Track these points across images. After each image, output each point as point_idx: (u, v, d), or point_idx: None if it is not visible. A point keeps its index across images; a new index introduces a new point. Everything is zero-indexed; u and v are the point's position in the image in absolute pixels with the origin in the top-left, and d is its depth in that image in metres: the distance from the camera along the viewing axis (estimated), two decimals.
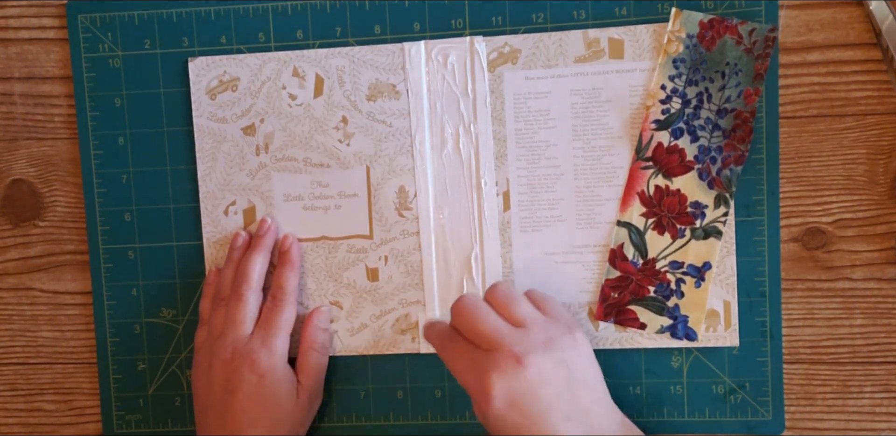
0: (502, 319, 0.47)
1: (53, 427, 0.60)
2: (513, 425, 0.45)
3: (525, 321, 0.47)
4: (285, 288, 0.55)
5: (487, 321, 0.47)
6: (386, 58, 0.55)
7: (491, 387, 0.45)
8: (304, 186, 0.56)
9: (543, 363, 0.45)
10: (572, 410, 0.45)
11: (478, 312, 0.47)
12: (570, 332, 0.47)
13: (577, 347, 0.47)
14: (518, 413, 0.45)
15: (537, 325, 0.47)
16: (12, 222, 0.59)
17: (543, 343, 0.46)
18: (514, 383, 0.44)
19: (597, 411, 0.47)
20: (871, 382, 0.54)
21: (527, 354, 0.45)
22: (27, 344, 0.59)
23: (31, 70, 0.58)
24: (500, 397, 0.44)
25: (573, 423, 0.45)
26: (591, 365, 0.48)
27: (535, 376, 0.45)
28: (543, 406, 0.45)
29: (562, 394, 0.45)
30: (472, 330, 0.47)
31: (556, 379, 0.45)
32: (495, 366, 0.45)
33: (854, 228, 0.53)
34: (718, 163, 0.53)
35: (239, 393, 0.52)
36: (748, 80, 0.52)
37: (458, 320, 0.48)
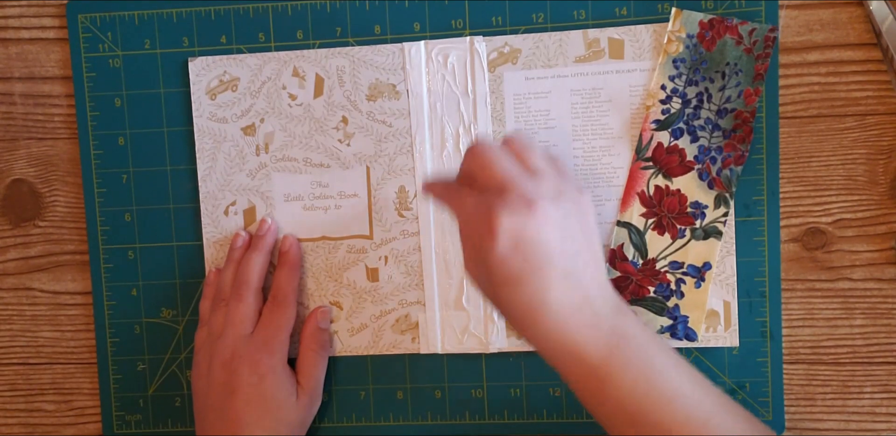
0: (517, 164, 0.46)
1: (53, 427, 0.60)
2: (514, 271, 0.43)
3: (539, 171, 0.45)
4: (285, 289, 0.55)
5: (502, 163, 0.45)
6: (386, 58, 0.55)
7: (498, 224, 0.42)
8: (304, 186, 0.56)
9: (553, 212, 0.43)
10: (571, 268, 0.44)
11: (493, 154, 0.45)
12: (580, 193, 0.46)
13: (584, 208, 0.46)
14: (521, 257, 0.43)
15: (550, 176, 0.45)
16: (12, 222, 0.59)
17: (555, 194, 0.44)
18: (522, 225, 0.42)
19: (593, 277, 0.45)
20: (871, 382, 0.54)
21: (539, 199, 0.43)
22: (27, 344, 0.59)
23: (31, 70, 0.58)
24: (507, 237, 0.42)
25: (571, 282, 0.44)
26: (594, 232, 0.46)
27: (544, 222, 0.43)
28: (546, 254, 0.43)
29: (564, 249, 0.43)
30: (485, 172, 0.45)
31: (562, 231, 0.43)
32: (505, 205, 0.43)
33: (854, 228, 0.53)
34: (718, 163, 0.53)
35: (239, 393, 0.52)
36: (748, 81, 0.52)
37: (471, 162, 0.46)
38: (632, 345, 0.44)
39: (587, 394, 0.45)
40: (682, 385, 0.44)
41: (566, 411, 0.55)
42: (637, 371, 0.44)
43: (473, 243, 0.44)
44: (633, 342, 0.44)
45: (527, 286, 0.43)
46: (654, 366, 0.44)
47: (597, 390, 0.44)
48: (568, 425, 0.55)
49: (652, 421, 0.43)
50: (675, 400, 0.43)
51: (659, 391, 0.43)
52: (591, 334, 0.44)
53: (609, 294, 0.46)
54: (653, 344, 0.45)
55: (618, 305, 0.45)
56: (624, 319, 0.45)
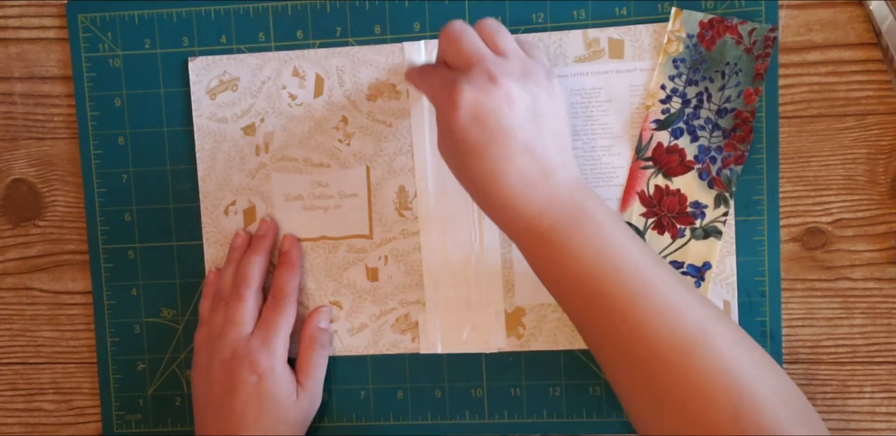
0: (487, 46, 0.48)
1: (53, 427, 0.60)
2: (474, 141, 0.45)
3: (507, 53, 0.47)
4: (285, 288, 0.55)
5: (472, 42, 0.47)
6: (386, 58, 0.55)
7: (459, 95, 0.45)
8: (304, 185, 0.56)
9: (515, 89, 0.45)
10: (532, 142, 0.45)
11: (464, 34, 0.47)
12: (548, 77, 0.47)
13: (552, 90, 0.47)
14: (480, 128, 0.45)
15: (518, 58, 0.47)
16: (12, 222, 0.59)
17: (520, 73, 0.46)
18: (483, 97, 0.44)
19: (555, 154, 0.46)
20: (871, 382, 0.54)
21: (501, 75, 0.45)
22: (27, 344, 0.59)
23: (31, 70, 0.58)
24: (467, 108, 0.44)
25: (532, 156, 0.45)
26: (560, 112, 0.47)
27: (504, 97, 0.45)
28: (505, 128, 0.45)
29: (526, 124, 0.45)
30: (454, 49, 0.47)
31: (523, 107, 0.45)
32: (468, 79, 0.45)
33: (854, 227, 0.53)
34: (718, 163, 0.53)
35: (238, 393, 0.52)
36: (748, 80, 0.52)
37: (443, 41, 0.48)
38: (586, 218, 0.45)
39: (539, 263, 0.47)
40: (634, 258, 0.45)
41: (566, 411, 0.55)
42: (588, 241, 0.45)
43: (442, 118, 0.46)
44: (589, 216, 0.45)
45: (486, 156, 0.45)
46: (606, 238, 0.45)
47: (547, 258, 0.46)
48: (568, 425, 0.55)
49: (597, 289, 0.44)
50: (622, 270, 0.44)
51: (607, 262, 0.44)
52: (547, 205, 0.45)
53: (572, 174, 0.47)
54: (611, 221, 0.46)
55: (580, 185, 0.46)
56: (584, 196, 0.46)
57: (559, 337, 0.55)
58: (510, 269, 0.55)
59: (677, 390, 0.42)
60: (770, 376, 0.43)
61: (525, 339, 0.55)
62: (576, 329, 0.48)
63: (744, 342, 0.44)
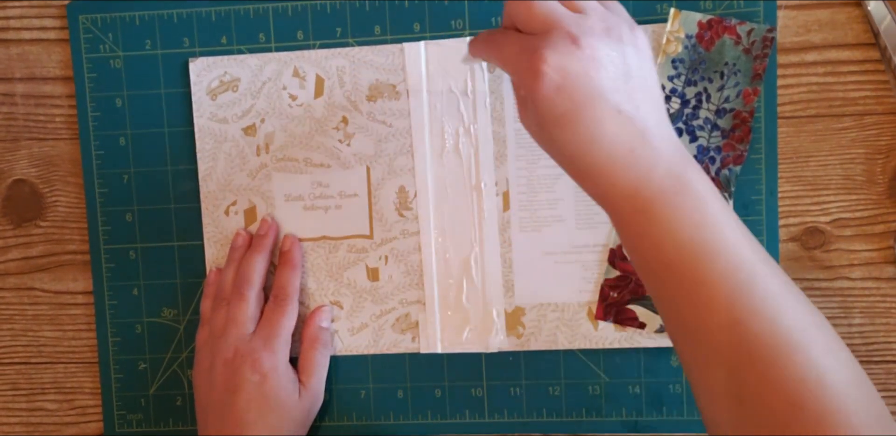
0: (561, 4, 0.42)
1: (55, 427, 0.60)
2: (562, 109, 0.40)
3: (585, 8, 0.42)
4: (287, 288, 0.55)
5: (544, 3, 0.41)
6: (386, 58, 0.55)
7: (541, 62, 0.40)
8: (304, 186, 0.56)
9: (600, 48, 0.40)
10: (625, 104, 0.40)
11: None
12: (632, 30, 0.42)
13: (638, 44, 0.42)
14: (567, 95, 0.40)
15: (597, 13, 0.42)
16: (14, 223, 0.59)
17: (603, 30, 0.41)
18: (567, 62, 0.40)
19: (651, 116, 0.41)
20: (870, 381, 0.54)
21: (583, 35, 0.40)
22: (29, 344, 0.60)
23: (32, 71, 0.58)
24: (552, 76, 0.40)
25: (625, 117, 0.40)
26: (649, 69, 0.42)
27: (590, 59, 0.40)
28: (595, 92, 0.40)
29: (617, 85, 0.40)
30: (527, 12, 0.42)
31: (611, 67, 0.40)
32: (549, 44, 0.40)
33: (852, 227, 0.53)
34: (717, 163, 0.53)
35: (240, 393, 0.52)
36: (747, 81, 0.52)
37: (511, 8, 0.43)
38: (689, 191, 0.41)
39: (633, 237, 0.42)
40: (733, 240, 0.41)
41: (566, 411, 0.56)
42: (689, 216, 0.41)
43: (522, 89, 0.42)
44: (691, 188, 0.41)
45: (578, 124, 0.40)
46: (708, 215, 0.41)
47: (644, 232, 0.42)
48: (568, 425, 0.56)
49: (693, 271, 0.41)
50: (723, 254, 0.40)
51: (707, 241, 0.40)
52: (647, 173, 0.41)
53: (669, 135, 0.42)
54: (711, 195, 0.41)
55: (679, 150, 0.42)
56: (685, 164, 0.42)
57: (559, 337, 0.55)
58: (510, 269, 0.55)
59: (768, 397, 0.39)
60: (863, 393, 0.40)
61: (525, 339, 0.55)
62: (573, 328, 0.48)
63: (841, 353, 0.41)
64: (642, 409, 0.55)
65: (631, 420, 0.55)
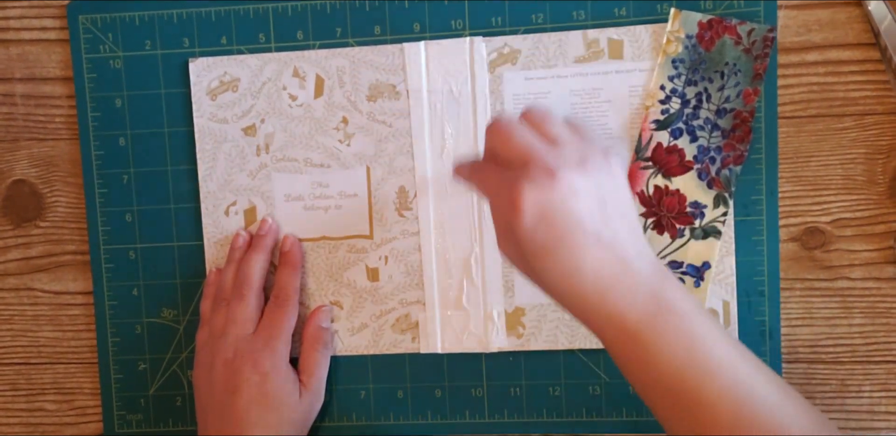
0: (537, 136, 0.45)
1: (55, 427, 0.60)
2: (541, 243, 0.42)
3: (559, 140, 0.44)
4: (287, 288, 0.55)
5: (522, 136, 0.44)
6: (386, 58, 0.55)
7: (521, 197, 0.42)
8: (304, 186, 0.56)
9: (576, 179, 0.42)
10: (604, 232, 0.42)
11: (511, 128, 0.44)
12: (606, 157, 0.44)
13: (611, 172, 0.44)
14: (547, 227, 0.42)
15: (572, 144, 0.44)
16: (14, 223, 0.59)
17: (577, 162, 0.43)
18: (546, 195, 0.42)
19: (630, 240, 0.43)
20: (870, 381, 0.54)
21: (560, 168, 0.42)
22: (28, 344, 0.60)
23: (32, 71, 0.58)
24: (531, 209, 0.42)
25: (604, 245, 0.42)
26: (624, 193, 0.44)
27: (567, 190, 0.42)
28: (574, 222, 0.42)
29: (594, 214, 0.42)
30: (505, 146, 0.44)
31: (588, 197, 0.42)
32: (527, 177, 0.42)
33: (853, 227, 0.53)
34: (718, 163, 0.53)
35: (241, 393, 0.52)
36: (747, 81, 0.52)
37: (491, 138, 0.45)
38: (674, 311, 0.42)
39: (627, 362, 0.43)
40: (726, 357, 0.42)
41: (566, 411, 0.56)
42: (679, 338, 0.42)
43: (502, 220, 0.44)
44: (676, 308, 0.42)
45: (558, 255, 0.42)
46: (696, 335, 0.42)
47: (637, 357, 0.43)
48: (568, 425, 0.56)
49: (692, 393, 0.41)
50: (718, 373, 0.41)
51: (701, 362, 0.42)
52: (631, 298, 0.42)
53: (649, 258, 0.44)
54: (696, 312, 0.43)
55: (659, 270, 0.44)
56: (666, 283, 0.43)
57: (559, 337, 0.55)
58: (510, 269, 0.55)
59: None
60: None
61: (525, 339, 0.55)
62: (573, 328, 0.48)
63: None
64: (642, 409, 0.55)
65: (631, 420, 0.55)
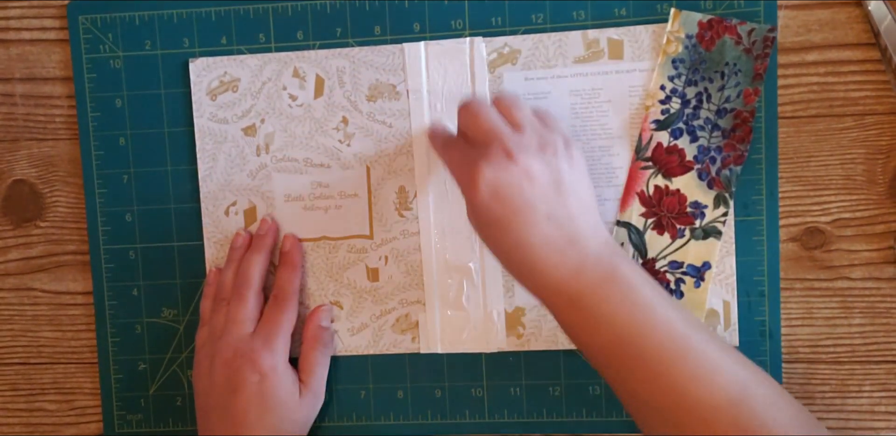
0: (504, 120, 0.48)
1: (55, 427, 0.60)
2: (496, 215, 0.46)
3: (523, 125, 0.48)
4: (287, 288, 0.55)
5: (489, 119, 0.48)
6: (386, 58, 0.55)
7: (478, 174, 0.46)
8: (304, 186, 0.56)
9: (533, 163, 0.46)
10: (556, 211, 0.46)
11: (481, 110, 0.48)
12: (566, 145, 0.48)
13: (571, 160, 0.48)
14: (500, 204, 0.46)
15: (535, 130, 0.48)
16: (13, 223, 0.59)
17: (537, 146, 0.47)
18: (501, 174, 0.46)
19: (582, 220, 0.47)
20: (870, 381, 0.54)
21: (518, 151, 0.46)
22: (28, 344, 0.60)
23: (32, 71, 0.58)
24: (486, 186, 0.46)
25: (553, 223, 0.46)
26: (582, 181, 0.48)
27: (523, 173, 0.46)
28: (526, 201, 0.46)
29: (547, 195, 0.46)
30: (472, 125, 0.48)
31: (543, 180, 0.46)
32: (486, 157, 0.46)
33: (853, 227, 0.53)
34: (718, 163, 0.53)
35: (240, 393, 0.52)
36: (747, 81, 0.52)
37: (461, 117, 0.49)
38: (618, 281, 0.46)
39: (571, 327, 0.47)
40: (668, 319, 0.45)
41: (566, 411, 0.56)
42: (622, 303, 0.45)
43: (462, 188, 0.48)
44: (620, 278, 0.46)
45: (510, 228, 0.46)
46: (639, 300, 0.45)
47: (581, 321, 0.46)
48: (568, 425, 0.56)
49: (632, 352, 0.45)
50: (656, 332, 0.45)
51: (641, 324, 0.45)
52: (576, 270, 0.46)
53: (601, 239, 0.47)
54: (642, 283, 0.46)
55: (610, 249, 0.47)
56: (614, 260, 0.47)
57: (559, 337, 0.55)
58: None
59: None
60: None
61: (525, 339, 0.55)
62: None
63: (784, 404, 0.44)
64: None
65: (631, 420, 0.55)
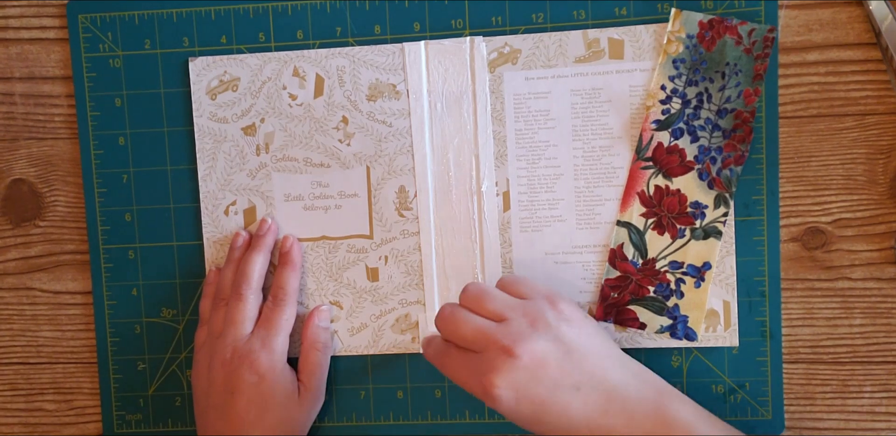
0: (482, 317, 0.48)
1: (54, 427, 0.60)
2: (529, 415, 0.45)
3: (503, 313, 0.47)
4: (286, 288, 0.55)
5: (468, 324, 0.47)
6: (386, 58, 0.55)
7: (493, 387, 0.45)
8: (304, 186, 0.56)
9: (534, 347, 0.45)
10: (580, 379, 0.45)
11: (457, 318, 0.48)
12: (553, 306, 0.47)
13: (564, 318, 0.47)
14: (528, 402, 0.45)
15: (516, 311, 0.47)
16: (13, 222, 0.59)
17: (528, 327, 0.46)
18: (512, 376, 0.45)
19: (606, 371, 0.46)
20: (871, 381, 0.54)
21: (515, 343, 0.45)
22: (28, 344, 0.59)
23: (31, 70, 0.58)
24: (506, 394, 0.45)
25: (584, 390, 0.45)
26: (583, 331, 0.47)
27: (530, 362, 0.45)
28: (550, 386, 0.45)
29: (564, 368, 0.45)
30: (458, 337, 0.48)
31: (551, 357, 0.45)
32: (490, 366, 0.45)
33: (853, 227, 0.53)
34: (718, 163, 0.53)
35: (239, 393, 0.52)
36: (748, 81, 0.52)
37: (441, 330, 0.49)
38: (671, 423, 0.45)
39: None
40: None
41: None
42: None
43: (482, 399, 0.46)
44: (672, 420, 0.45)
45: (547, 418, 0.45)
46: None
47: None
48: None
49: None
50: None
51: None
52: (625, 424, 0.45)
53: (641, 379, 0.46)
54: (695, 419, 0.45)
55: (650, 386, 0.46)
56: (662, 399, 0.46)
57: None
58: (510, 269, 0.55)
59: None
60: None
61: None
62: None
63: None
64: None
65: None
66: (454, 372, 0.48)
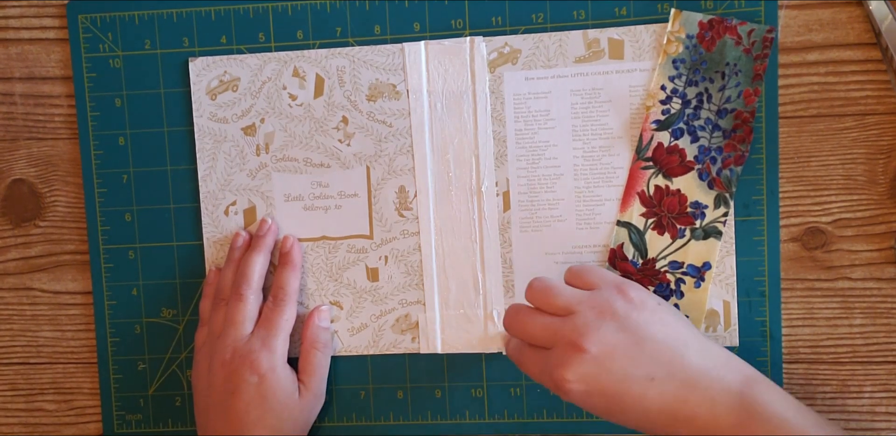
0: (548, 314, 0.47)
1: (54, 427, 0.60)
2: (604, 407, 0.45)
3: (570, 306, 0.46)
4: (286, 289, 0.55)
5: (534, 323, 0.47)
6: (386, 58, 0.55)
7: (564, 382, 0.45)
8: (304, 186, 0.56)
9: (601, 339, 0.44)
10: (653, 368, 0.44)
11: (522, 318, 0.48)
12: (623, 294, 0.46)
13: (634, 306, 0.46)
14: (600, 394, 0.44)
15: (583, 304, 0.46)
16: (13, 222, 0.59)
17: (595, 319, 0.45)
18: (583, 369, 0.44)
19: (684, 359, 0.44)
20: (871, 381, 0.54)
21: (582, 337, 0.44)
22: (28, 344, 0.59)
23: (31, 70, 0.58)
24: (577, 388, 0.44)
25: (659, 380, 0.44)
26: (656, 318, 0.46)
27: (599, 354, 0.44)
28: (620, 377, 0.44)
29: (633, 358, 0.44)
30: (526, 336, 0.48)
31: (620, 348, 0.44)
32: (559, 362, 0.45)
33: (853, 227, 0.53)
34: (718, 163, 0.53)
35: (239, 393, 0.52)
36: (748, 81, 0.52)
37: (513, 331, 0.49)
38: (763, 414, 0.43)
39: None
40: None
41: (566, 411, 0.55)
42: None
43: (561, 397, 0.46)
44: (762, 411, 0.43)
45: (623, 410, 0.45)
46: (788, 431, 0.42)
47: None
48: (568, 425, 0.55)
49: None
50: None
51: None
52: (710, 411, 0.43)
53: (726, 366, 0.45)
54: (786, 410, 0.43)
55: (743, 376, 0.45)
56: (745, 380, 0.44)
57: None
58: (510, 269, 0.55)
59: None
60: None
61: None
62: None
63: None
64: None
65: None
66: (530, 369, 0.48)
